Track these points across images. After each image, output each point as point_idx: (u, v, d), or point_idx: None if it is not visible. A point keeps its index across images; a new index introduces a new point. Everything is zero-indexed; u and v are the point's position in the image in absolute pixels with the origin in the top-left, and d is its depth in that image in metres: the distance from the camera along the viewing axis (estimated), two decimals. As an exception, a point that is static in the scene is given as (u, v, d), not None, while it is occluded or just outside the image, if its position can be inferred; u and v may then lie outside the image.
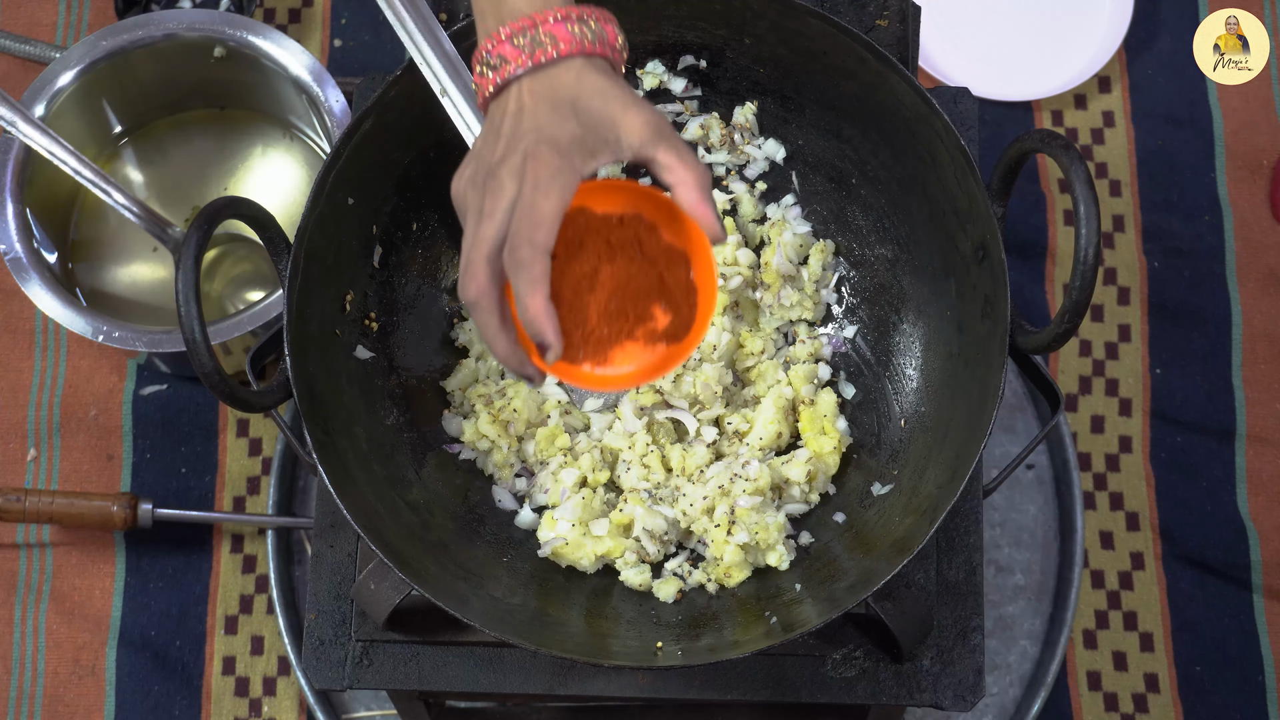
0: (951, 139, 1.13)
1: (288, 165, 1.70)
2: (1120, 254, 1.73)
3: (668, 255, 1.00)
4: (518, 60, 0.97)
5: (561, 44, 0.96)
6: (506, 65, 0.97)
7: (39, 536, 1.62)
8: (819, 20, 1.16)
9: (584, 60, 0.97)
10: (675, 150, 0.96)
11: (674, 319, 1.01)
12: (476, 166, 0.98)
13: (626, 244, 1.00)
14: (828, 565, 1.17)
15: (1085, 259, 1.02)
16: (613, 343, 1.01)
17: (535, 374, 0.99)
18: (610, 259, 0.99)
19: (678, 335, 1.01)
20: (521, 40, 0.97)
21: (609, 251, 0.99)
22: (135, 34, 1.60)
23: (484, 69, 0.98)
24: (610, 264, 0.99)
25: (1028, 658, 1.59)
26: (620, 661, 1.08)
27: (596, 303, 0.99)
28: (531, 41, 0.96)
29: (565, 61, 0.97)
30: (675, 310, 1.01)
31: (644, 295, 1.00)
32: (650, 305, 1.00)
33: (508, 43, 0.97)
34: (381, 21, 1.78)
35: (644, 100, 0.97)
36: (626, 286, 1.00)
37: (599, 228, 0.99)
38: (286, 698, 1.59)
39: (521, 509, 1.23)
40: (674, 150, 0.96)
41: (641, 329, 1.01)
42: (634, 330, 1.01)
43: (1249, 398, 1.68)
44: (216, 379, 1.04)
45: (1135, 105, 1.78)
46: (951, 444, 1.14)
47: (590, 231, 0.99)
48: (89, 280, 1.65)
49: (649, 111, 0.96)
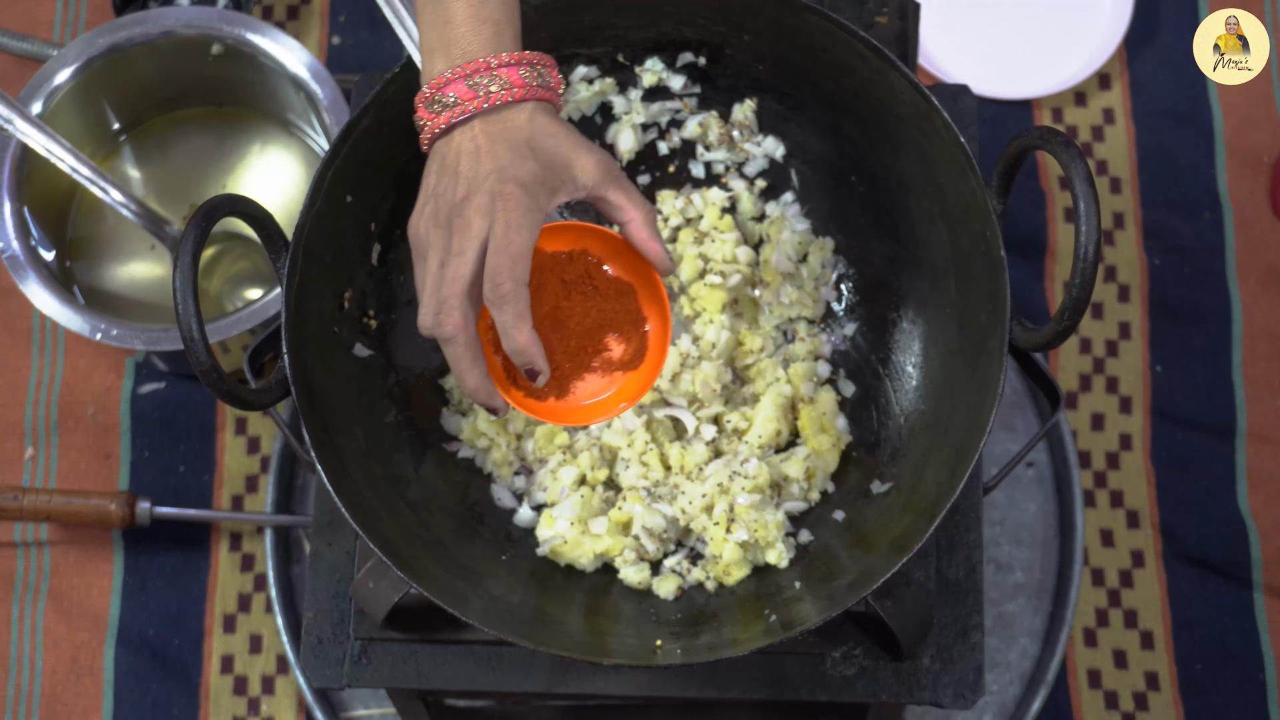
0: (951, 136, 1.12)
1: (286, 163, 1.70)
2: (1120, 251, 1.73)
3: (616, 287, 1.08)
4: (473, 101, 1.00)
5: (516, 88, 1.00)
6: (461, 105, 1.00)
7: (37, 535, 1.62)
8: (818, 17, 1.16)
9: (534, 104, 1.01)
10: (624, 190, 1.02)
11: (626, 347, 1.08)
12: (436, 205, 1.01)
13: (579, 280, 1.07)
14: (827, 563, 1.16)
15: (1085, 256, 1.02)
16: (573, 376, 1.08)
17: (502, 406, 1.04)
18: (566, 295, 1.07)
19: (632, 363, 1.08)
20: (476, 81, 1.00)
21: (564, 289, 1.07)
22: (133, 31, 1.60)
23: (434, 107, 1.01)
24: (567, 300, 1.07)
25: (1028, 656, 1.59)
26: (619, 660, 1.08)
27: (560, 339, 1.06)
28: (486, 84, 1.00)
29: (518, 105, 1.01)
30: (627, 340, 1.08)
31: (599, 328, 1.08)
32: (605, 337, 1.08)
33: (461, 82, 1.00)
34: (379, 19, 1.77)
35: (591, 142, 1.03)
36: (583, 321, 1.07)
37: (552, 266, 1.07)
38: (285, 696, 1.58)
39: (520, 507, 1.23)
40: (623, 190, 1.02)
41: (599, 360, 1.08)
42: (591, 362, 1.08)
43: (1249, 395, 1.67)
44: (214, 377, 1.04)
45: (1135, 102, 1.78)
46: (951, 442, 1.13)
47: (546, 271, 1.06)
48: (87, 278, 1.65)
49: (598, 153, 1.02)
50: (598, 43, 1.24)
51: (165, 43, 1.61)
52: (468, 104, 1.00)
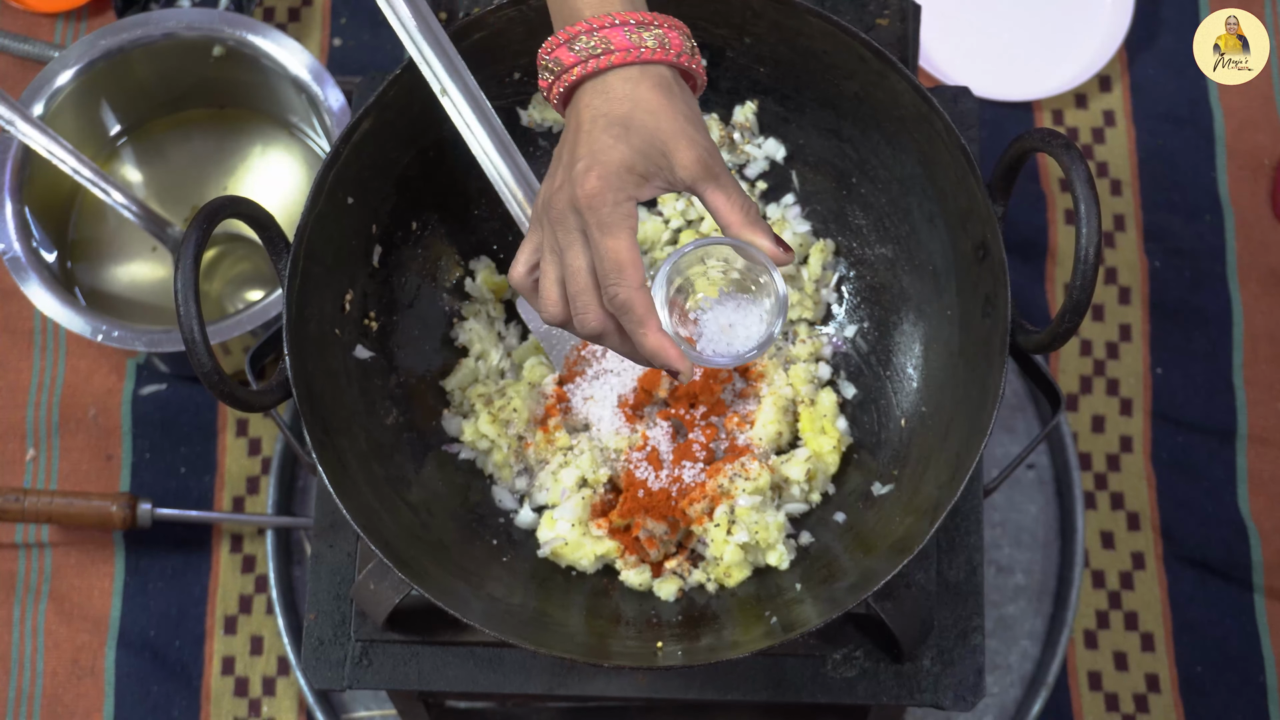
0: (952, 138, 1.12)
1: (287, 165, 1.70)
2: (1121, 253, 1.73)
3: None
4: (574, 67, 0.94)
5: (616, 51, 0.93)
6: (566, 71, 0.95)
7: (38, 536, 1.62)
8: (819, 19, 1.16)
9: (640, 70, 0.94)
10: (723, 190, 0.95)
11: None
12: (546, 189, 0.96)
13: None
14: (828, 565, 1.16)
15: (1086, 258, 1.02)
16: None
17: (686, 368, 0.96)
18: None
19: None
20: (578, 45, 0.94)
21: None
22: (134, 33, 1.60)
23: (544, 73, 0.97)
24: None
25: (1028, 658, 1.59)
26: (620, 661, 1.08)
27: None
28: (587, 47, 0.94)
29: (621, 70, 0.94)
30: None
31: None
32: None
33: (565, 47, 0.95)
34: (381, 20, 1.77)
35: (699, 126, 0.95)
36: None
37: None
38: (286, 698, 1.58)
39: (521, 509, 1.23)
40: (722, 190, 0.95)
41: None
42: None
43: (1250, 398, 1.67)
44: (216, 379, 1.04)
45: (1136, 105, 1.78)
46: (952, 444, 1.13)
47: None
48: (88, 280, 1.65)
49: (701, 145, 0.94)
50: (599, 45, 1.24)
51: (167, 45, 1.61)
52: (571, 70, 0.94)
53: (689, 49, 0.96)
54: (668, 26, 0.96)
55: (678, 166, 0.93)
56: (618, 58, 0.93)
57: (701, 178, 0.94)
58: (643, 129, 0.93)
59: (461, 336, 1.27)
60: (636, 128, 0.93)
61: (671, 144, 0.93)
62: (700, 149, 0.93)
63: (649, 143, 0.93)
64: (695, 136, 0.94)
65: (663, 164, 0.93)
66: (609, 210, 0.92)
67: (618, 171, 0.92)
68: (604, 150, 0.92)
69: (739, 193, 0.95)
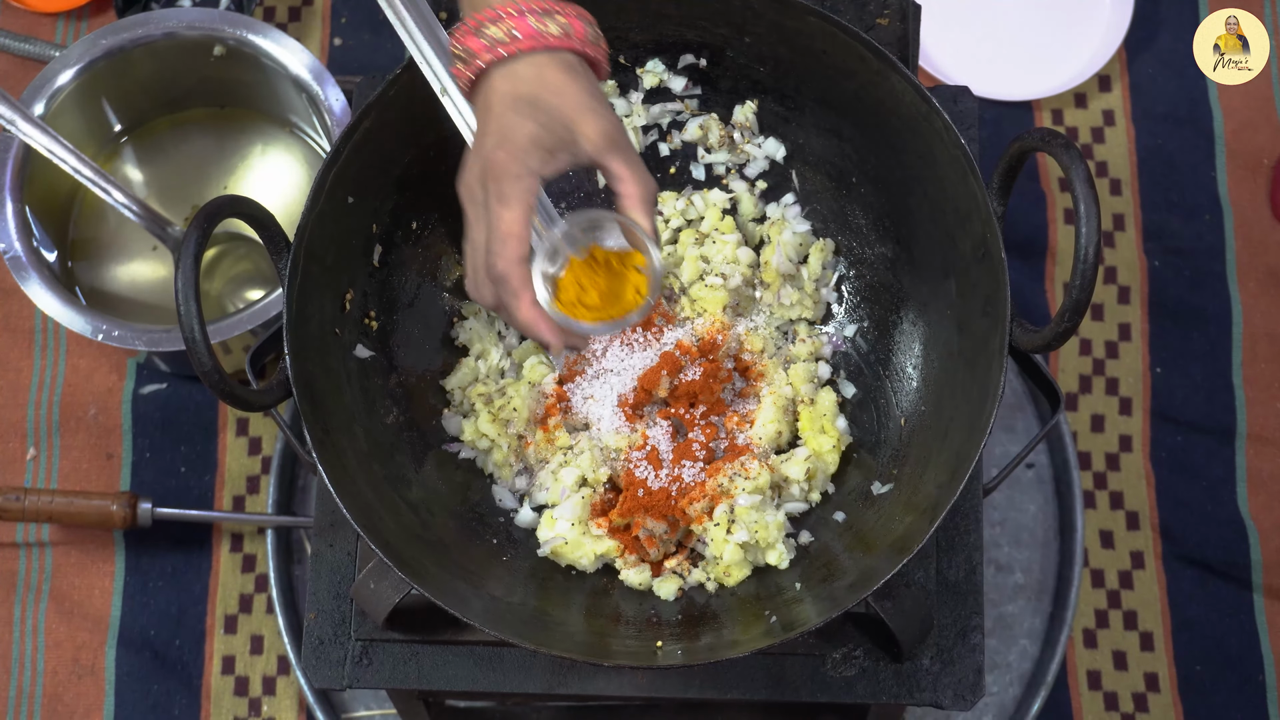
0: (951, 138, 1.12)
1: (287, 164, 1.70)
2: (1120, 253, 1.73)
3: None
4: (482, 53, 0.98)
5: (523, 39, 0.97)
6: (474, 59, 0.98)
7: (38, 535, 1.62)
8: (819, 19, 1.16)
9: (547, 55, 0.97)
10: (627, 161, 0.99)
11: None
12: (463, 168, 1.01)
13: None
14: (827, 564, 1.17)
15: (1085, 258, 1.02)
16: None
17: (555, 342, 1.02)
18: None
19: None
20: (486, 33, 0.97)
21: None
22: (135, 33, 1.60)
23: (457, 62, 1.00)
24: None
25: (1027, 657, 1.59)
26: (620, 661, 1.08)
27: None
28: (494, 34, 0.97)
29: (528, 56, 0.97)
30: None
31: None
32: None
33: (473, 34, 0.98)
34: (381, 20, 1.77)
35: (603, 103, 0.98)
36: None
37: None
38: (286, 697, 1.59)
39: (521, 508, 1.23)
40: (626, 162, 0.99)
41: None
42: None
43: (1249, 397, 1.67)
44: (216, 378, 1.04)
45: (1135, 104, 1.78)
46: (951, 443, 1.14)
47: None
48: (88, 279, 1.65)
49: (606, 118, 0.98)
50: (599, 45, 1.25)
51: (167, 44, 1.61)
52: (479, 56, 0.98)
53: (592, 36, 1.00)
54: (573, 15, 0.99)
55: (583, 139, 0.97)
56: (525, 44, 0.97)
57: (606, 149, 0.98)
58: (548, 106, 0.96)
59: (462, 336, 1.28)
60: (543, 105, 0.96)
61: (577, 118, 0.97)
62: (605, 121, 0.97)
63: (554, 118, 0.96)
64: (601, 110, 0.98)
65: (568, 138, 0.97)
66: (509, 183, 0.96)
67: (524, 146, 0.96)
68: (512, 128, 0.96)
69: (643, 169, 1.00)
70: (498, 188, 0.96)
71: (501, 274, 0.97)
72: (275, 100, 1.67)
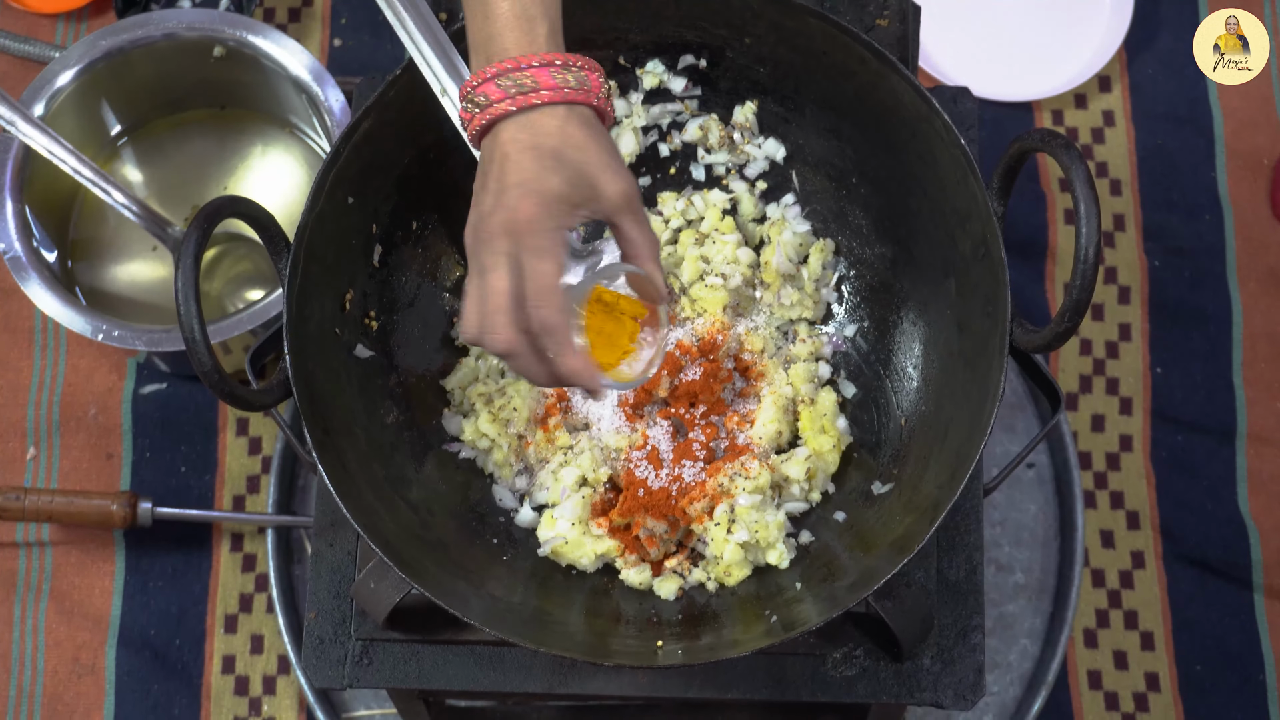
0: (951, 138, 1.13)
1: (287, 165, 1.70)
2: (1121, 253, 1.73)
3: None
4: (501, 102, 0.98)
5: (545, 90, 0.98)
6: (491, 106, 0.99)
7: (38, 535, 1.62)
8: (819, 20, 1.16)
9: (567, 109, 0.99)
10: (639, 225, 1.02)
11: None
12: (475, 214, 1.01)
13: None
14: (828, 564, 1.17)
15: (1086, 258, 1.02)
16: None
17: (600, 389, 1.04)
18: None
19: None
20: (506, 82, 0.98)
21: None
22: (135, 33, 1.60)
23: (469, 105, 1.00)
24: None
25: (1028, 657, 1.59)
26: (620, 660, 1.08)
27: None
28: (515, 84, 0.98)
29: (548, 108, 0.98)
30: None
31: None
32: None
33: (492, 82, 0.99)
34: (381, 21, 1.78)
35: (621, 162, 1.01)
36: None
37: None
38: (286, 697, 1.59)
39: (522, 508, 1.23)
40: (638, 225, 1.02)
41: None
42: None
43: (1249, 397, 1.68)
44: (216, 378, 1.04)
45: (1135, 105, 1.78)
46: (952, 443, 1.14)
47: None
48: (88, 279, 1.65)
49: (626, 179, 1.00)
50: (599, 45, 1.25)
51: (167, 45, 1.61)
52: (496, 105, 0.98)
53: (605, 92, 1.02)
54: (588, 69, 1.01)
55: (604, 198, 1.00)
56: (546, 96, 0.98)
57: (624, 210, 1.01)
58: (572, 162, 0.98)
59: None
60: (567, 160, 0.98)
61: (599, 177, 0.99)
62: (625, 182, 1.00)
63: (579, 174, 0.98)
64: (620, 169, 1.00)
65: (590, 195, 0.99)
66: (544, 236, 0.97)
67: (553, 199, 0.97)
68: (538, 179, 0.97)
69: (650, 228, 1.03)
70: (533, 241, 0.97)
71: (551, 326, 0.97)
72: (275, 101, 1.67)
